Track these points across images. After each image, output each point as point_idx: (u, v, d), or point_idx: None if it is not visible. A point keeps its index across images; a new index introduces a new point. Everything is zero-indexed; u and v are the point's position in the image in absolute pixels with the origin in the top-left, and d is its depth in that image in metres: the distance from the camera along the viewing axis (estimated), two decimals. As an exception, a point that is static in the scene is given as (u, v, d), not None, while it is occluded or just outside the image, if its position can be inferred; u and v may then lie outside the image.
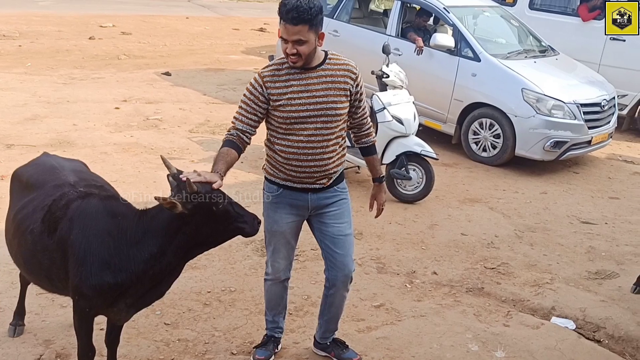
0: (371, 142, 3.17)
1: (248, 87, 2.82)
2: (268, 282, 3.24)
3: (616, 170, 7.01)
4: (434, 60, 7.06)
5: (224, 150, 2.74)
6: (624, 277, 4.42)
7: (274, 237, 3.07)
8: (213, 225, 2.51)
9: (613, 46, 8.33)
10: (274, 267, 3.14)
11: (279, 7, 2.68)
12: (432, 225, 5.20)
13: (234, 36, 13.80)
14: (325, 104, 2.80)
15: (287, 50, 2.70)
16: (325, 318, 3.26)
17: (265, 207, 3.06)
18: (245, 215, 2.58)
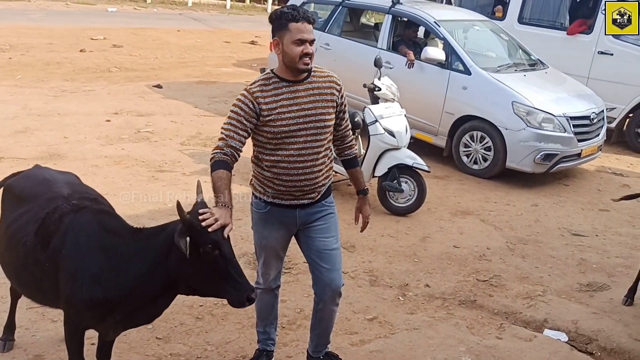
0: (354, 154, 3.19)
1: (237, 104, 2.76)
2: (259, 292, 3.19)
3: (606, 182, 7.06)
4: (425, 73, 7.11)
5: (223, 174, 2.64)
6: (615, 289, 4.44)
7: (264, 251, 3.07)
8: (195, 270, 2.41)
9: (601, 60, 8.44)
10: (265, 277, 3.15)
11: (282, 14, 2.70)
12: (425, 237, 5.21)
13: (225, 49, 13.85)
14: (314, 116, 2.81)
15: (305, 50, 2.69)
16: (316, 332, 3.25)
17: (254, 221, 3.05)
18: (240, 284, 2.42)
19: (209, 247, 2.35)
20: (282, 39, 2.71)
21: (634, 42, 8.24)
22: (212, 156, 2.71)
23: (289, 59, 2.72)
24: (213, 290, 2.49)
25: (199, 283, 2.46)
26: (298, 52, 2.68)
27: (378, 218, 5.52)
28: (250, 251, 4.59)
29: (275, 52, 2.77)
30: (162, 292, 2.52)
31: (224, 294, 2.46)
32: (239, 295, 2.43)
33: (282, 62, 2.76)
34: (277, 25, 2.73)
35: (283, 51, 2.72)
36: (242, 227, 5.00)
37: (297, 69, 2.75)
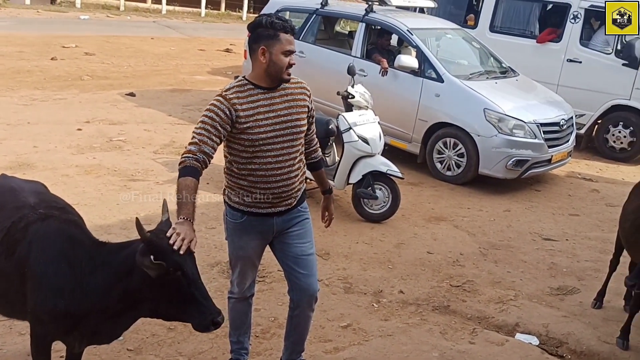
0: (320, 157, 3.23)
1: (212, 109, 2.69)
2: (232, 300, 3.21)
3: (576, 187, 7.19)
4: (398, 81, 7.17)
5: (191, 183, 2.56)
6: (584, 292, 4.52)
7: (240, 261, 3.05)
8: (157, 292, 2.34)
9: (570, 67, 8.61)
10: (240, 286, 3.13)
11: (274, 23, 2.67)
12: (399, 244, 5.23)
13: (200, 57, 13.79)
14: (290, 122, 2.82)
15: (291, 62, 2.71)
16: (291, 339, 3.23)
17: (229, 232, 3.02)
18: (204, 307, 2.35)
19: (170, 268, 2.28)
20: (270, 48, 2.68)
21: (601, 50, 8.44)
22: (183, 160, 2.63)
23: (276, 69, 2.71)
24: (176, 313, 2.41)
25: (161, 306, 2.39)
26: (286, 63, 2.70)
27: (353, 225, 5.54)
28: (223, 260, 4.56)
29: (260, 60, 2.71)
30: (123, 310, 2.44)
31: (188, 318, 2.39)
32: (203, 318, 2.36)
33: (265, 70, 2.73)
34: (266, 34, 2.69)
35: (270, 60, 2.69)
36: (216, 236, 4.98)
37: (280, 79, 2.76)
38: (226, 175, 2.93)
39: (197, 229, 5.02)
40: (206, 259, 4.59)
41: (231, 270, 3.17)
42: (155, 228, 2.45)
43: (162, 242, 2.31)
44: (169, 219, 2.49)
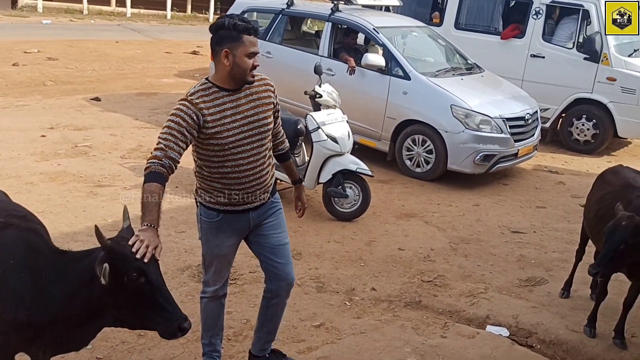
0: (287, 148, 3.29)
1: (178, 114, 2.64)
2: (205, 300, 3.19)
3: (542, 180, 7.32)
4: (366, 79, 7.20)
5: (157, 189, 2.51)
6: (552, 282, 4.60)
7: (216, 259, 3.05)
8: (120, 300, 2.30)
9: (534, 63, 8.76)
10: (215, 285, 3.13)
11: (236, 25, 2.65)
12: (370, 241, 5.25)
13: (166, 59, 13.63)
14: (257, 122, 2.82)
15: (255, 63, 2.71)
16: (265, 330, 3.25)
17: (204, 232, 3.00)
18: (170, 313, 2.31)
19: (133, 275, 2.24)
20: (234, 50, 2.66)
21: (563, 45, 8.62)
22: (148, 166, 2.59)
23: (240, 71, 2.70)
24: (141, 321, 2.37)
25: (126, 314, 2.34)
26: (249, 65, 2.69)
27: (324, 224, 5.54)
28: (194, 264, 4.52)
29: (224, 62, 2.69)
30: (86, 320, 2.39)
31: (153, 325, 2.35)
32: (169, 325, 2.32)
33: (229, 73, 2.71)
34: (229, 36, 2.67)
35: (234, 63, 2.68)
36: (186, 240, 4.93)
37: (244, 81, 2.75)
38: (198, 177, 2.92)
39: (166, 233, 5.00)
40: (176, 263, 4.54)
41: (204, 270, 3.15)
42: (117, 235, 2.40)
43: (123, 249, 2.27)
44: (130, 225, 2.46)
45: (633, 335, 3.94)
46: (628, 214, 3.42)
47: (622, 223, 3.37)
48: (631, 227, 3.33)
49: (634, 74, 8.16)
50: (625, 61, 8.29)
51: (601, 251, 3.50)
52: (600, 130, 8.44)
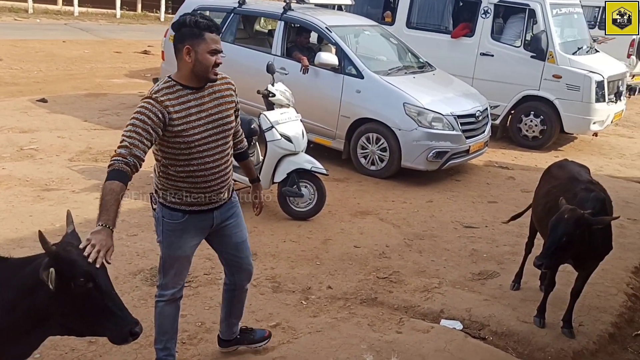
0: (246, 147, 3.34)
1: (143, 112, 2.62)
2: (162, 304, 3.15)
3: (493, 176, 7.49)
4: (319, 78, 7.20)
5: (117, 188, 2.47)
6: (504, 275, 4.70)
7: (178, 261, 3.04)
8: (67, 307, 2.21)
9: (483, 61, 8.96)
10: (175, 287, 3.11)
11: (197, 22, 2.67)
12: (326, 240, 5.26)
13: (116, 59, 13.32)
14: (221, 120, 2.85)
15: (218, 61, 2.73)
16: (233, 317, 3.41)
17: (166, 234, 2.97)
18: (120, 318, 2.25)
19: (80, 280, 2.16)
20: (195, 47, 2.68)
21: (511, 43, 8.84)
22: (112, 163, 2.55)
23: (202, 68, 2.71)
24: (90, 327, 2.29)
25: (74, 321, 2.26)
26: (212, 62, 2.70)
27: (279, 224, 5.51)
28: (147, 267, 4.44)
29: (186, 59, 2.70)
30: (30, 329, 2.29)
31: (103, 331, 2.28)
32: (120, 330, 2.26)
33: (191, 70, 2.72)
34: (190, 33, 2.68)
35: (196, 60, 2.69)
36: (138, 243, 4.83)
37: (207, 79, 2.76)
38: (161, 178, 2.89)
39: (118, 236, 4.86)
40: (128, 267, 4.44)
41: (162, 274, 3.10)
42: (61, 240, 2.33)
43: (69, 254, 2.20)
44: (74, 230, 2.38)
45: (580, 324, 4.07)
46: (570, 207, 3.53)
47: (564, 216, 3.48)
48: (573, 220, 3.44)
49: (578, 72, 8.44)
50: (570, 59, 8.57)
51: (545, 244, 3.61)
52: (548, 126, 8.70)
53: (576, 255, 3.69)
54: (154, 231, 5.06)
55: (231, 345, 3.51)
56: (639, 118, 12.04)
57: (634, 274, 4.92)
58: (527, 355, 3.76)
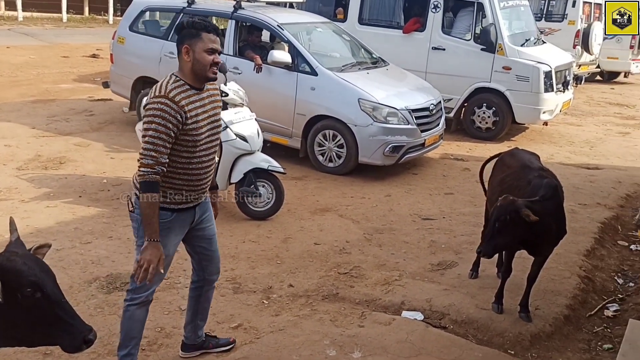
0: None
1: (161, 115, 2.72)
2: (133, 307, 3.10)
3: (449, 168, 7.60)
4: (273, 76, 7.17)
5: (155, 199, 2.75)
6: (462, 265, 4.78)
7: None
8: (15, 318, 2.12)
9: (435, 55, 9.09)
10: (149, 289, 3.08)
11: (195, 23, 2.83)
12: (286, 238, 5.23)
13: (64, 64, 12.96)
14: (216, 122, 3.00)
15: (215, 60, 2.85)
16: (199, 318, 3.41)
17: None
18: (72, 326, 2.18)
19: (27, 291, 2.08)
20: (193, 47, 2.81)
21: (461, 37, 8.99)
22: (143, 174, 2.72)
23: (200, 67, 2.82)
24: (41, 338, 2.21)
25: (23, 332, 2.17)
26: (209, 61, 2.82)
27: (238, 225, 5.46)
28: (102, 275, 4.33)
29: (185, 58, 2.84)
30: None
31: (55, 341, 2.20)
32: (73, 339, 2.18)
33: (191, 69, 2.84)
34: (189, 33, 2.83)
35: (194, 59, 2.82)
36: (92, 251, 4.71)
37: (205, 77, 2.87)
38: None
39: (70, 244, 4.76)
40: (83, 275, 4.32)
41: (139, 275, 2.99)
42: (5, 249, 2.23)
43: (13, 264, 2.11)
44: (18, 237, 2.29)
45: (537, 307, 4.17)
46: (505, 195, 3.66)
47: (498, 204, 3.61)
48: (503, 207, 3.55)
49: (527, 63, 8.65)
50: (519, 51, 8.77)
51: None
52: (500, 117, 8.88)
53: (529, 242, 3.78)
54: (110, 238, 4.98)
55: (196, 350, 3.47)
56: (586, 106, 12.45)
57: (586, 257, 5.06)
58: (486, 341, 3.82)
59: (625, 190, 7.05)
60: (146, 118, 2.78)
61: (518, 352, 3.75)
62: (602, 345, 3.96)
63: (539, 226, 3.60)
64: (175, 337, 3.64)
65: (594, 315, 4.32)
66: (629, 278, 4.99)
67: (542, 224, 3.61)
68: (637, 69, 15.64)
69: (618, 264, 5.27)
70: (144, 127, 2.79)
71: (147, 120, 2.76)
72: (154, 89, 2.86)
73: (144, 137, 2.75)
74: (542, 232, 3.70)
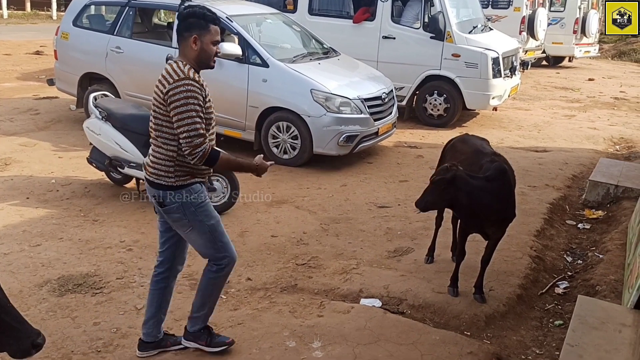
0: None
1: (192, 95, 2.92)
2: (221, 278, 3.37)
3: (403, 155, 7.69)
4: (224, 69, 7.06)
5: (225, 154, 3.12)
6: (418, 250, 4.85)
7: (218, 226, 3.27)
8: None
9: (386, 44, 9.15)
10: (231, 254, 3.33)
11: (205, 15, 3.01)
12: (243, 232, 5.20)
13: (6, 62, 12.50)
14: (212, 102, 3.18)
15: (217, 50, 3.09)
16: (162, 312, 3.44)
17: (201, 209, 3.17)
18: (19, 331, 2.12)
19: None
20: (202, 37, 3.01)
21: (410, 25, 9.08)
22: (203, 148, 2.97)
23: (206, 57, 3.05)
24: None
25: None
26: (214, 52, 3.07)
27: (193, 220, 5.38)
28: (53, 278, 4.22)
29: (192, 47, 3.02)
30: None
31: (2, 347, 2.13)
32: (21, 344, 2.12)
33: (196, 57, 3.04)
34: (198, 24, 3.01)
35: (201, 49, 3.02)
36: (42, 253, 4.58)
37: (207, 66, 3.09)
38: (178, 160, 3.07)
39: (19, 248, 4.62)
40: (33, 279, 4.19)
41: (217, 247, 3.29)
42: None
43: None
44: None
45: (491, 289, 4.27)
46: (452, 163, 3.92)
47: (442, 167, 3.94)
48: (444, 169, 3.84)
49: (475, 49, 8.80)
50: (467, 38, 8.92)
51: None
52: (451, 104, 9.03)
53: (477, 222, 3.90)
54: (60, 239, 4.84)
55: (154, 349, 3.42)
56: (533, 91, 12.80)
57: (536, 237, 5.21)
58: (443, 324, 3.90)
59: (572, 171, 7.29)
60: (176, 102, 2.92)
61: (474, 333, 3.84)
62: (553, 321, 4.10)
63: (477, 202, 3.76)
64: (131, 338, 3.57)
65: (545, 293, 4.46)
66: (577, 255, 5.17)
67: (481, 202, 3.75)
68: (580, 53, 16.16)
69: (567, 242, 5.45)
70: (178, 110, 2.92)
71: (179, 104, 2.91)
72: (169, 75, 2.97)
73: (182, 119, 2.92)
74: (482, 209, 3.80)
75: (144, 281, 4.25)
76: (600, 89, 13.47)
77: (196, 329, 3.42)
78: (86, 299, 3.98)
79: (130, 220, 5.24)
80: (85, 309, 3.86)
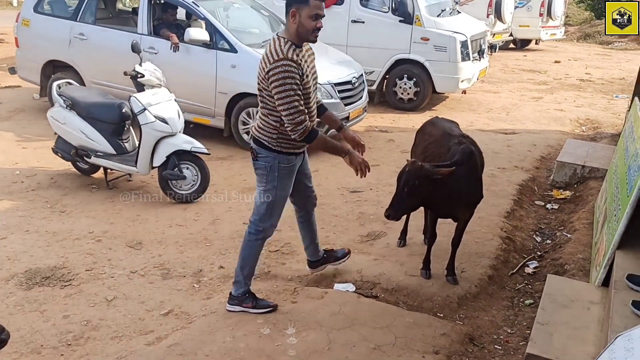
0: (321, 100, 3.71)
1: (290, 75, 3.07)
2: (259, 242, 3.63)
3: (374, 140, 7.69)
4: (192, 55, 6.95)
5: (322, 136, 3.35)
6: (390, 234, 4.86)
7: (282, 200, 3.55)
8: None
9: (355, 28, 9.11)
10: (274, 225, 3.62)
11: None
12: (214, 220, 5.15)
13: (-35, 51, 12.09)
14: (315, 75, 3.36)
15: (318, 25, 3.16)
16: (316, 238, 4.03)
17: (280, 178, 3.44)
18: None
19: None
20: (300, 11, 3.12)
21: (379, 9, 9.05)
22: (304, 126, 3.18)
23: (304, 31, 3.15)
24: None
25: None
26: (313, 26, 3.14)
27: (164, 209, 5.32)
28: (20, 271, 4.12)
29: (291, 21, 3.14)
30: None
31: None
32: None
33: (296, 31, 3.16)
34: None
35: (299, 23, 3.13)
36: (8, 247, 4.47)
37: (307, 40, 3.22)
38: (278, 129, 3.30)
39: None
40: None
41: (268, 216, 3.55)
42: None
43: None
44: None
45: (463, 270, 4.32)
46: (412, 160, 3.81)
47: (405, 169, 3.69)
48: (412, 172, 3.68)
49: (444, 33, 8.82)
50: (435, 21, 8.93)
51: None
52: (421, 88, 9.05)
53: (444, 205, 3.90)
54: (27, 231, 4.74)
55: (321, 265, 4.08)
56: (501, 74, 12.92)
57: (506, 218, 5.28)
58: (416, 306, 3.93)
59: (540, 153, 7.40)
60: (276, 82, 3.08)
61: (447, 314, 3.88)
62: (524, 301, 4.17)
63: (445, 188, 3.72)
64: (102, 330, 3.52)
65: (515, 274, 4.53)
66: (546, 235, 5.26)
67: (449, 187, 3.72)
68: (547, 35, 16.35)
69: (536, 223, 5.54)
70: (277, 90, 3.09)
71: (278, 84, 3.07)
72: (270, 54, 3.11)
73: (282, 98, 3.09)
74: (450, 194, 3.80)
75: (114, 272, 4.19)
76: (567, 71, 13.67)
77: (240, 292, 3.63)
78: (55, 292, 3.91)
79: (98, 211, 5.14)
80: (54, 302, 3.79)
